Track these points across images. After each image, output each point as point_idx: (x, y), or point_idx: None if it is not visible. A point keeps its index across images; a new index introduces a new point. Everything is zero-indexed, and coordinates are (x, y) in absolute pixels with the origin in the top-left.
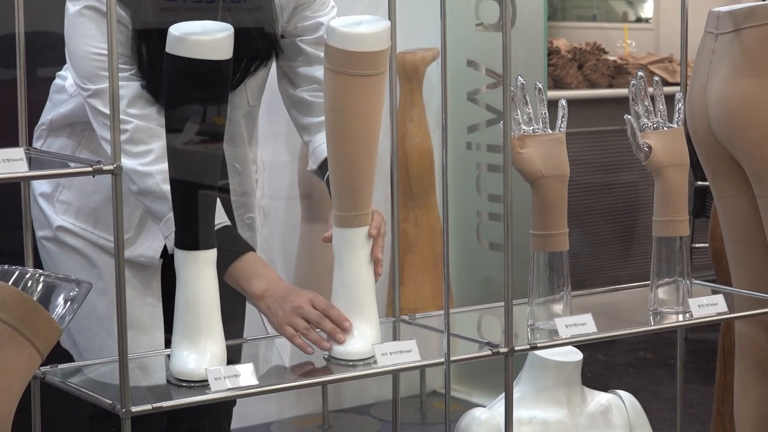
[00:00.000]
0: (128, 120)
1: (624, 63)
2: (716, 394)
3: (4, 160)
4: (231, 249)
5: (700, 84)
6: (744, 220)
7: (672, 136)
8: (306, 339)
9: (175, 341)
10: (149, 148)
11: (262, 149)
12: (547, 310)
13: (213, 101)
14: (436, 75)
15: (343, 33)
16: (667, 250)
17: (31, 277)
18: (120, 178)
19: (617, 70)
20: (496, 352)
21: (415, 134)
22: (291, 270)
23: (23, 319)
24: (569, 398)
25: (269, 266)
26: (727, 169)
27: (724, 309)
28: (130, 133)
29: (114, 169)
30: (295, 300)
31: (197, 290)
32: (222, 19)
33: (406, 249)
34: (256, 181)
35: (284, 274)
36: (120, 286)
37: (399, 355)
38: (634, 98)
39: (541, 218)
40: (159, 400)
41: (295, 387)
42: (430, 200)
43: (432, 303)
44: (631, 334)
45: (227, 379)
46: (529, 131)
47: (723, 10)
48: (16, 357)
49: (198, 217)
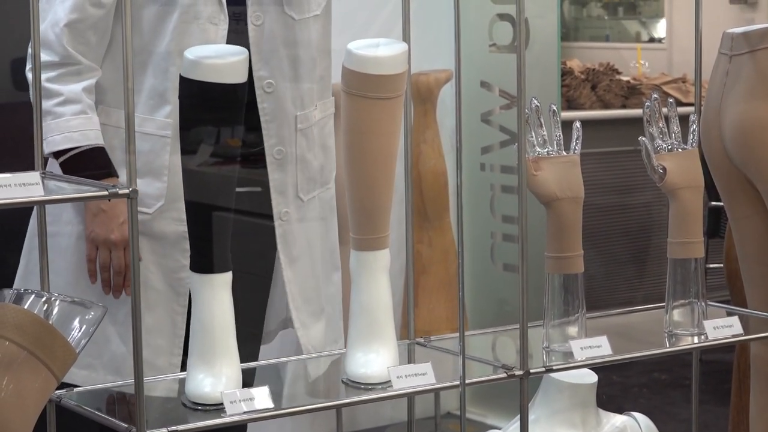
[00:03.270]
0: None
1: (637, 83)
2: (731, 416)
3: (20, 184)
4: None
5: (715, 105)
6: (759, 241)
7: (686, 157)
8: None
9: (190, 363)
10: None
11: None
12: (562, 332)
13: (228, 124)
14: (449, 96)
15: (360, 56)
16: (682, 272)
17: (47, 300)
18: (135, 201)
19: (630, 91)
20: (512, 374)
21: (429, 156)
22: None
23: (39, 342)
24: (584, 420)
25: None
26: (742, 190)
27: (740, 331)
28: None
29: (129, 193)
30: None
31: (212, 313)
32: None
33: (421, 270)
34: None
35: None
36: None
37: (414, 378)
38: (649, 119)
39: (556, 240)
40: (174, 424)
41: (310, 410)
42: (444, 222)
43: (446, 325)
44: (646, 356)
45: (242, 403)
46: (544, 153)
47: (737, 31)
48: (32, 381)
49: (212, 240)
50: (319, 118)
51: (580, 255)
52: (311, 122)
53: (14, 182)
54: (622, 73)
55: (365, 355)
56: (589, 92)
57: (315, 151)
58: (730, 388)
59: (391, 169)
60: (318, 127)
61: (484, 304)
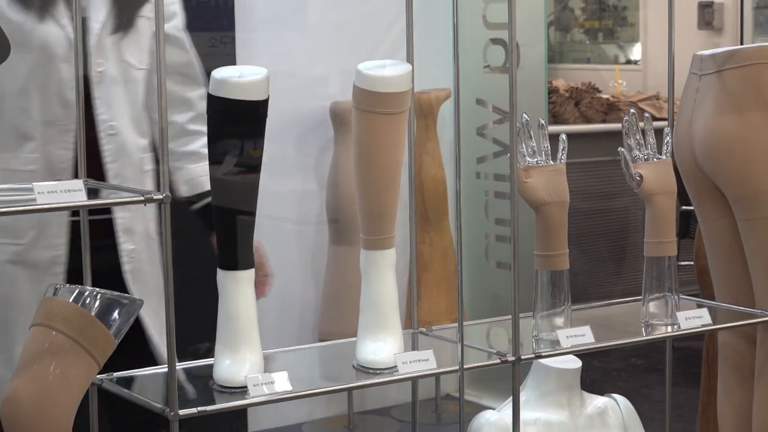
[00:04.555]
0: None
1: (616, 101)
2: (701, 397)
3: (66, 190)
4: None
5: (686, 120)
6: (726, 241)
7: (661, 166)
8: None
9: (217, 351)
10: None
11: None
12: (550, 322)
13: (251, 136)
14: (448, 112)
15: (369, 76)
16: (657, 269)
17: (90, 294)
18: (168, 206)
19: (610, 107)
20: (504, 360)
21: (431, 165)
22: (320, 288)
23: (82, 332)
24: (570, 401)
25: None
26: (711, 195)
27: (709, 321)
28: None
29: (163, 198)
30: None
31: (237, 306)
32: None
33: (423, 268)
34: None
35: (314, 291)
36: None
37: (417, 364)
38: (627, 132)
39: (544, 240)
40: (203, 405)
41: (325, 392)
42: (444, 224)
43: (446, 316)
44: (625, 344)
45: (264, 386)
46: (533, 162)
47: (706, 53)
48: (76, 366)
49: (237, 240)
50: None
51: (566, 253)
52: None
53: (60, 188)
54: (602, 92)
55: (374, 343)
56: (573, 108)
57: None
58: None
59: (397, 177)
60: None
61: (479, 297)
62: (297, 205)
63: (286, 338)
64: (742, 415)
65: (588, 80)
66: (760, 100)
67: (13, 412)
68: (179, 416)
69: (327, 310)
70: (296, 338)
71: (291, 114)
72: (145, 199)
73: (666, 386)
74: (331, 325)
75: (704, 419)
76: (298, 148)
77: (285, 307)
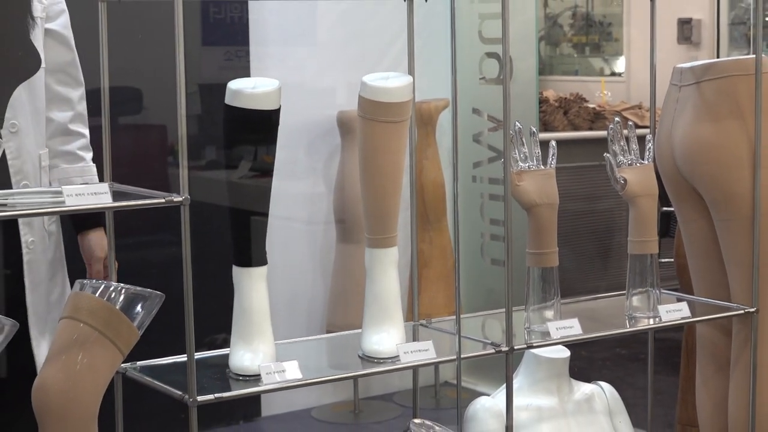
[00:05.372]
0: None
1: (601, 110)
2: (680, 384)
3: (93, 193)
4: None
5: (667, 128)
6: (704, 240)
7: (643, 170)
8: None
9: (233, 342)
10: None
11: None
12: (541, 315)
13: (264, 143)
14: (447, 121)
15: (373, 87)
16: (640, 265)
17: (115, 289)
18: (187, 208)
19: (596, 116)
20: (499, 350)
21: (430, 170)
22: (328, 283)
23: (108, 325)
24: (559, 388)
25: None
26: (690, 198)
27: (688, 314)
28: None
29: (183, 201)
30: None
31: (251, 300)
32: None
33: (423, 265)
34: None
35: (322, 286)
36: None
37: (418, 353)
38: (612, 139)
39: (535, 239)
40: (220, 391)
41: (332, 380)
42: (442, 224)
43: (444, 309)
44: (610, 335)
45: (276, 374)
46: (525, 167)
47: (685, 66)
48: (102, 356)
49: (251, 239)
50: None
51: (555, 251)
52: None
53: (87, 191)
54: (589, 102)
55: (377, 334)
56: (562, 117)
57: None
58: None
59: (399, 181)
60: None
61: (475, 292)
62: (306, 206)
63: (297, 330)
64: (718, 401)
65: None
66: (735, 110)
67: (43, 398)
68: (197, 402)
69: (334, 304)
70: (306, 330)
71: (301, 122)
72: (165, 202)
73: (648, 374)
74: (338, 318)
75: (683, 405)
76: (308, 154)
77: (295, 300)
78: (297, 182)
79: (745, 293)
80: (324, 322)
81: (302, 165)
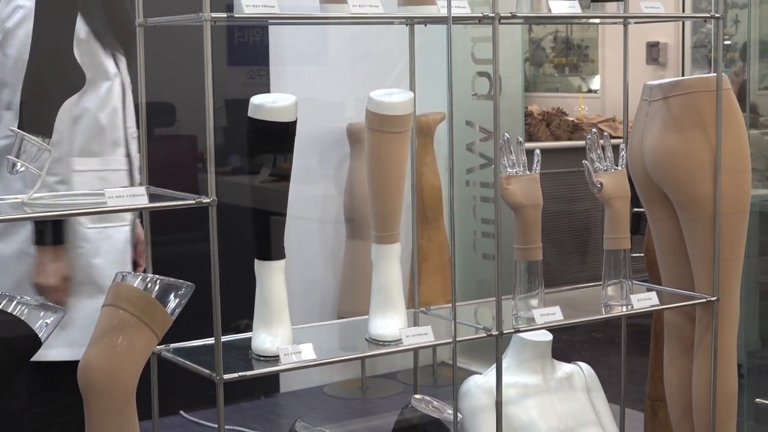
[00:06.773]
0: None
1: (580, 122)
2: (650, 364)
3: (131, 195)
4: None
5: (638, 138)
6: (671, 237)
7: (617, 175)
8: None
9: (255, 326)
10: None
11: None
12: (527, 303)
13: (282, 151)
14: (443, 132)
15: (379, 101)
16: (614, 259)
17: (151, 280)
18: (215, 209)
19: (575, 128)
20: (489, 334)
21: (429, 175)
22: (338, 274)
23: (145, 311)
24: (543, 368)
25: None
26: (658, 199)
27: (656, 302)
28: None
29: (211, 202)
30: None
31: (271, 289)
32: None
33: (422, 258)
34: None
35: (333, 277)
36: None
37: (418, 337)
38: (590, 148)
39: (522, 236)
40: (243, 370)
41: (343, 360)
42: (439, 223)
43: (441, 298)
44: (587, 321)
45: (293, 355)
46: (513, 172)
47: (654, 83)
48: (140, 339)
49: (271, 236)
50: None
51: (540, 247)
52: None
53: (126, 194)
54: (568, 115)
55: (382, 320)
56: (545, 129)
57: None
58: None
59: (401, 185)
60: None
61: (469, 283)
62: (319, 207)
63: (311, 316)
64: (684, 378)
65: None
66: (698, 122)
67: (88, 377)
68: (224, 380)
69: (344, 293)
70: (319, 316)
71: (315, 133)
72: (196, 203)
73: (621, 355)
74: (348, 305)
75: (653, 382)
76: (321, 161)
77: (310, 290)
78: (311, 186)
79: (707, 284)
80: (335, 309)
81: (316, 171)
